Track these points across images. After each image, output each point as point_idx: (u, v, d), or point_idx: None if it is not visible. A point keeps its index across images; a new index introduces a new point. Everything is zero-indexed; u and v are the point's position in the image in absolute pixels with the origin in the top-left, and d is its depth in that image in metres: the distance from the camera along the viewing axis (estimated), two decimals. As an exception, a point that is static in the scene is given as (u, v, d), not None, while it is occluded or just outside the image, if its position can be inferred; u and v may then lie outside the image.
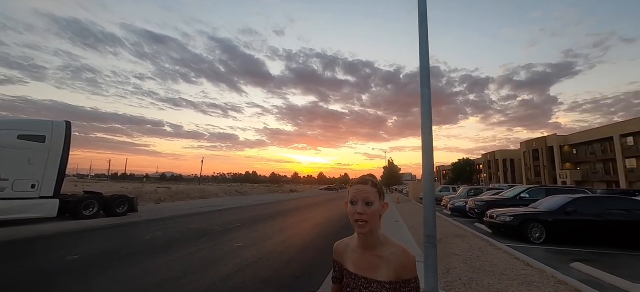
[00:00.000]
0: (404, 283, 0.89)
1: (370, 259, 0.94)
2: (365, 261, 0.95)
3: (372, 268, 0.93)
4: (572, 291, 3.79)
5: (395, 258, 0.91)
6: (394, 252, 0.92)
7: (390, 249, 0.94)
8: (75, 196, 10.61)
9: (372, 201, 0.92)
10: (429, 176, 3.87)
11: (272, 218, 11.90)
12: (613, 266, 5.34)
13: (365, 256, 0.96)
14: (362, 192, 0.93)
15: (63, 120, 9.98)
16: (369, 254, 0.95)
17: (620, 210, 7.35)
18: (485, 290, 3.85)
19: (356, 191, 0.94)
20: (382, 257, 0.93)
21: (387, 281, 0.90)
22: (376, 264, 0.93)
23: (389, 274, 0.90)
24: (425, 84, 3.99)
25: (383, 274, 0.91)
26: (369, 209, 0.91)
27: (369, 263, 0.94)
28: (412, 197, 30.07)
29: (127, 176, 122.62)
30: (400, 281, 0.89)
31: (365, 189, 0.94)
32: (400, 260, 0.91)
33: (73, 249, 5.95)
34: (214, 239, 7.25)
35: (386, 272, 0.91)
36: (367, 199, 0.92)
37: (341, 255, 1.04)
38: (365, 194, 0.93)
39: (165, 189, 26.15)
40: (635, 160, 31.96)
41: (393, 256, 0.91)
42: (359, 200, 0.92)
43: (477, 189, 17.88)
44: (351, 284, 0.96)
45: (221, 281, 4.24)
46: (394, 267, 0.90)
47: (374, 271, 0.93)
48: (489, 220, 8.65)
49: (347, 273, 0.99)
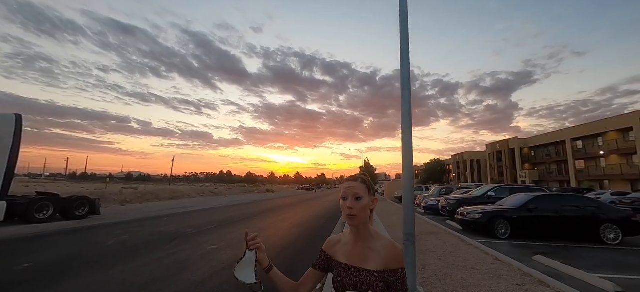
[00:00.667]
0: (391, 273, 0.95)
1: (361, 251, 1.01)
2: (356, 253, 1.01)
3: (362, 259, 0.99)
4: (537, 283, 4.06)
5: (385, 250, 0.98)
6: (383, 245, 1.00)
7: (381, 242, 1.01)
8: (27, 197, 9.58)
9: (361, 196, 1.00)
10: (409, 175, 3.95)
11: (248, 219, 11.60)
12: (569, 258, 5.84)
13: (356, 248, 1.02)
14: (351, 189, 1.01)
15: (12, 113, 8.96)
16: (360, 246, 1.01)
17: (573, 207, 8.07)
18: (459, 284, 4.01)
19: (347, 187, 1.02)
20: (372, 249, 0.99)
21: (376, 270, 0.95)
22: (367, 255, 0.99)
23: (378, 265, 0.96)
24: (406, 86, 4.07)
25: (372, 265, 0.96)
26: (358, 203, 0.99)
27: (359, 255, 1.00)
28: (387, 197, 30.89)
29: (87, 176, 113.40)
30: (389, 270, 0.95)
31: (355, 185, 1.02)
32: (390, 252, 0.97)
33: (24, 256, 5.35)
34: (187, 242, 6.89)
35: (375, 262, 0.97)
36: (357, 195, 1.00)
37: (332, 248, 1.09)
38: (354, 190, 1.00)
39: (131, 190, 24.51)
40: (584, 162, 35.36)
41: (383, 249, 0.98)
42: (349, 196, 1.00)
43: (448, 188, 18.77)
44: (342, 274, 1.01)
45: (195, 286, 4.01)
46: (384, 259, 0.97)
47: (364, 261, 0.98)
48: (460, 218, 9.09)
49: (337, 264, 1.04)
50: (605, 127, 31.99)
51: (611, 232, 7.50)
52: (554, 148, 40.92)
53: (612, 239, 7.45)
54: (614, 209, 8.21)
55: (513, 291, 3.76)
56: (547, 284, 3.98)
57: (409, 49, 4.23)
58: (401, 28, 4.28)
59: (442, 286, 3.98)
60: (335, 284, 1.03)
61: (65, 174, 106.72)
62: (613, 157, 31.47)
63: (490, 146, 53.74)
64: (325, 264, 1.08)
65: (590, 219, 7.70)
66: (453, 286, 3.99)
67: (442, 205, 12.70)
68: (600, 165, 32.85)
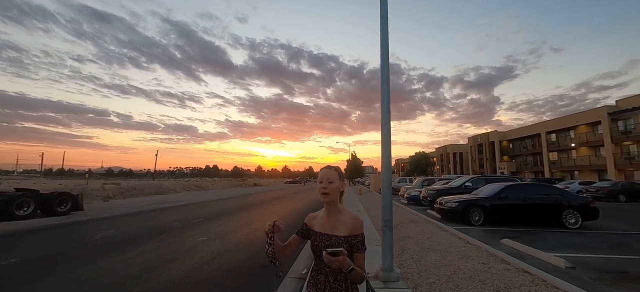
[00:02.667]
0: (353, 237, 1.30)
1: (332, 222, 1.35)
2: (329, 224, 1.36)
3: (333, 228, 1.33)
4: (500, 262, 4.54)
5: (350, 221, 1.34)
6: (349, 217, 1.36)
7: (347, 215, 1.37)
8: (5, 193, 9.30)
9: (332, 180, 1.36)
10: (387, 167, 4.29)
11: (236, 212, 11.75)
12: (533, 241, 6.43)
13: (329, 220, 1.37)
14: (326, 174, 1.37)
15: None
16: (331, 218, 1.36)
17: (540, 195, 8.76)
18: (432, 265, 4.43)
19: (322, 174, 1.39)
20: (340, 220, 1.34)
21: (343, 235, 1.30)
22: (336, 225, 1.34)
23: (345, 232, 1.31)
24: (385, 83, 4.37)
25: (340, 231, 1.31)
26: (330, 185, 1.34)
27: (331, 225, 1.35)
28: (373, 189, 31.61)
29: (65, 172, 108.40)
30: (352, 235, 1.30)
31: (329, 172, 1.39)
32: (353, 222, 1.33)
33: (9, 252, 5.34)
34: (175, 235, 7.02)
35: (343, 230, 1.31)
36: (330, 179, 1.35)
37: (311, 221, 1.44)
38: (328, 175, 1.37)
39: (114, 186, 23.90)
40: (557, 153, 37.52)
41: (348, 220, 1.34)
42: (324, 179, 1.35)
43: (430, 179, 19.53)
44: (317, 240, 1.35)
45: (187, 275, 4.22)
46: (349, 227, 1.32)
47: (334, 229, 1.33)
48: (439, 207, 9.65)
49: (314, 233, 1.38)
50: (577, 121, 33.95)
51: (572, 217, 8.23)
52: (530, 141, 43.06)
53: (573, 224, 8.18)
54: (575, 196, 8.98)
55: (478, 269, 4.21)
56: (508, 263, 4.46)
57: (389, 49, 4.52)
58: (381, 27, 4.55)
59: (417, 267, 4.38)
60: (312, 247, 1.37)
61: (40, 171, 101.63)
62: (583, 149, 33.52)
63: (472, 139, 55.77)
64: (306, 233, 1.42)
65: (554, 206, 8.40)
66: (426, 266, 4.40)
67: (423, 195, 13.32)
68: (572, 157, 34.92)
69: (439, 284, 3.70)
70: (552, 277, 3.80)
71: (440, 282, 3.74)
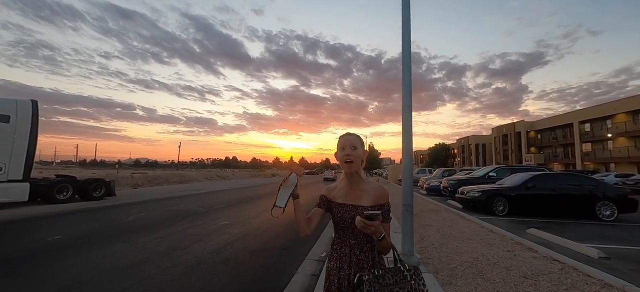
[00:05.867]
0: (380, 206, 1.23)
1: (355, 192, 1.28)
2: (351, 194, 1.28)
3: (357, 198, 1.26)
4: (526, 250, 4.37)
5: (374, 191, 1.27)
6: (373, 186, 1.29)
7: (370, 184, 1.30)
8: (48, 179, 10.12)
9: (356, 146, 1.27)
10: (408, 151, 4.21)
11: (256, 200, 12.06)
12: (561, 231, 6.12)
13: (351, 191, 1.29)
14: (349, 140, 1.28)
15: (28, 100, 9.36)
16: (354, 189, 1.29)
17: (571, 185, 8.27)
18: (454, 251, 4.34)
19: (345, 140, 1.30)
20: (364, 190, 1.28)
21: (368, 205, 1.23)
22: (360, 195, 1.27)
23: (370, 201, 1.24)
24: (407, 66, 4.25)
25: (365, 201, 1.24)
26: (354, 152, 1.26)
27: (354, 195, 1.28)
28: (391, 180, 31.28)
29: (97, 163, 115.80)
30: (378, 205, 1.23)
31: (352, 138, 1.30)
32: (378, 191, 1.27)
33: (52, 231, 5.83)
34: (200, 218, 7.34)
35: (367, 200, 1.25)
36: (353, 144, 1.27)
37: (330, 193, 1.36)
38: (351, 142, 1.28)
39: (142, 175, 25.25)
40: (591, 144, 35.05)
41: (372, 190, 1.27)
42: (347, 146, 1.27)
43: (451, 170, 18.98)
44: (341, 211, 1.27)
45: (212, 254, 4.42)
46: (373, 197, 1.25)
47: (358, 200, 1.26)
48: (460, 196, 9.39)
49: (336, 205, 1.30)
50: (615, 109, 31.40)
51: (607, 209, 7.72)
52: (561, 131, 40.47)
53: (608, 216, 7.68)
54: (611, 187, 8.40)
55: (503, 255, 4.08)
56: (535, 251, 4.29)
57: (410, 29, 4.37)
58: (403, 7, 4.41)
59: (438, 253, 4.31)
60: (335, 218, 1.29)
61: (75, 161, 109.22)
62: (621, 140, 31.09)
63: (496, 130, 53.29)
64: (327, 204, 1.34)
65: (587, 197, 7.91)
66: (448, 252, 4.32)
67: (444, 186, 12.99)
68: (607, 148, 32.52)
69: (461, 269, 3.64)
70: (584, 265, 3.61)
71: (462, 268, 3.67)
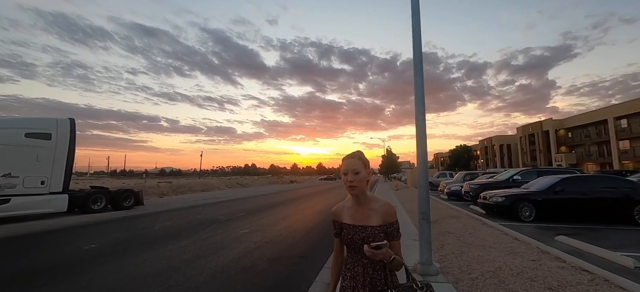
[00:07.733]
0: (389, 225, 1.26)
1: (363, 212, 1.29)
2: (359, 214, 1.29)
3: (365, 218, 1.27)
4: (553, 259, 4.17)
5: (382, 209, 1.27)
6: (380, 205, 1.29)
7: (378, 203, 1.30)
8: (84, 191, 10.91)
9: (358, 170, 1.26)
10: (423, 159, 4.20)
11: (274, 207, 12.29)
12: (594, 238, 5.76)
13: (359, 211, 1.30)
14: (350, 165, 1.27)
15: (67, 118, 10.18)
16: (362, 209, 1.29)
17: (604, 188, 7.76)
18: (475, 260, 4.23)
19: (347, 164, 1.28)
20: (372, 209, 1.28)
21: (377, 225, 1.25)
22: (368, 215, 1.27)
23: (378, 221, 1.25)
24: (419, 72, 4.27)
25: (374, 221, 1.25)
26: (357, 177, 1.25)
27: (362, 215, 1.28)
28: (410, 185, 30.56)
29: (126, 173, 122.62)
30: (387, 224, 1.26)
31: (352, 162, 1.28)
32: (386, 210, 1.27)
33: (88, 240, 6.29)
34: (221, 227, 7.61)
35: (375, 219, 1.26)
36: (355, 170, 1.26)
37: (339, 214, 1.37)
38: (352, 166, 1.26)
39: (167, 184, 26.45)
40: (629, 142, 32.50)
41: (380, 208, 1.28)
42: (349, 171, 1.26)
43: (473, 173, 18.32)
44: (351, 232, 1.29)
45: (233, 262, 4.59)
46: (381, 216, 1.26)
47: (367, 220, 1.27)
48: (483, 201, 9.06)
49: (345, 226, 1.31)
50: (655, 102, 29.07)
51: (647, 214, 7.17)
52: (595, 128, 37.89)
53: (648, 221, 7.13)
54: (651, 190, 7.79)
55: (527, 265, 3.93)
56: (563, 260, 4.08)
57: (421, 36, 4.39)
58: (413, 14, 4.43)
59: (458, 262, 4.22)
60: (345, 240, 1.31)
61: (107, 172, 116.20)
62: (664, 136, 28.65)
63: (522, 129, 50.79)
64: (340, 228, 1.35)
65: (623, 201, 7.39)
66: (468, 261, 4.22)
67: (465, 190, 12.57)
68: (648, 145, 30.06)
69: (482, 279, 3.55)
70: (618, 276, 3.41)
71: (483, 278, 3.58)
